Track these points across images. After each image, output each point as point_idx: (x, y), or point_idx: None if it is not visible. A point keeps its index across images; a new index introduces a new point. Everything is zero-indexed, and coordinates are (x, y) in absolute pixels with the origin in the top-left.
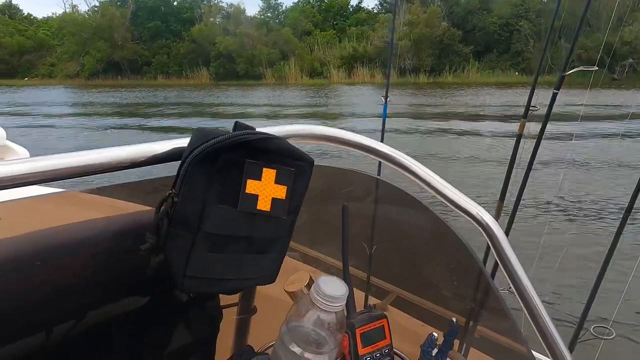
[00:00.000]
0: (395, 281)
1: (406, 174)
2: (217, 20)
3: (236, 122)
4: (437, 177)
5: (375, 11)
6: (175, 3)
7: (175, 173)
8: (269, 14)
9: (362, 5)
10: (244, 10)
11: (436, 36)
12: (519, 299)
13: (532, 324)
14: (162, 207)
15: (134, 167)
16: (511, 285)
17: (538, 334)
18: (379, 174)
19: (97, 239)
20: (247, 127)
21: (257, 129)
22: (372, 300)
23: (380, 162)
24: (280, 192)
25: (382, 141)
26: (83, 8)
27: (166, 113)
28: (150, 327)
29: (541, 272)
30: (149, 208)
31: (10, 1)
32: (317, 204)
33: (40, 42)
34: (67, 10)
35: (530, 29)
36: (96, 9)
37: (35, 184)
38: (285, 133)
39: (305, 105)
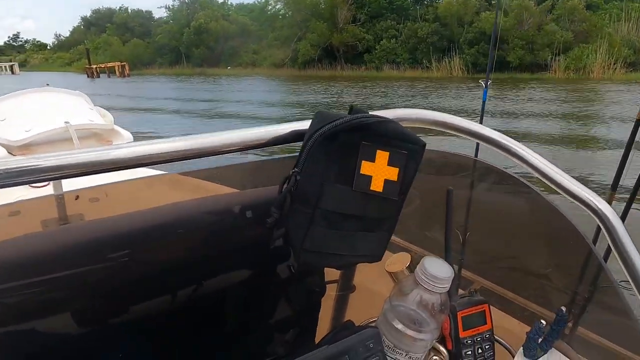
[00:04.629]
0: (491, 268)
1: (513, 158)
2: None
3: (351, 106)
4: (545, 161)
5: None
6: None
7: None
8: None
9: None
10: None
11: None
12: (637, 294)
13: None
14: (286, 185)
15: (259, 147)
16: (629, 278)
17: None
18: (476, 156)
19: (211, 216)
20: (362, 111)
21: (371, 113)
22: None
23: (477, 144)
24: (393, 173)
25: (481, 123)
26: None
27: None
28: (259, 298)
29: None
30: (234, 190)
31: None
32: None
33: (243, 27)
34: None
35: None
36: None
37: (164, 162)
38: (396, 117)
39: None
